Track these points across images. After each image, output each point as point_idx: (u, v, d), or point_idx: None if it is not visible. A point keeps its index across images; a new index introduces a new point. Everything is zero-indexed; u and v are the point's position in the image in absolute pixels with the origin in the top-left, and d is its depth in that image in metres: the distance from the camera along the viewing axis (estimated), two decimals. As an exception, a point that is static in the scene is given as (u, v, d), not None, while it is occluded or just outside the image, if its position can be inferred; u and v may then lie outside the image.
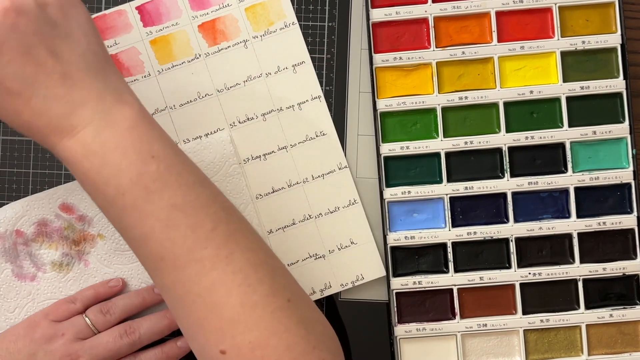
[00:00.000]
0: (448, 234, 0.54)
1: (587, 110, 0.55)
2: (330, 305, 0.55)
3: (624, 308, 0.54)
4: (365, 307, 0.55)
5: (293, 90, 0.55)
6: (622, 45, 0.54)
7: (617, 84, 0.54)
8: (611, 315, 0.54)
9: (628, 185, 0.54)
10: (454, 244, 0.54)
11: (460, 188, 0.54)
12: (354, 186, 0.55)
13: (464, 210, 0.54)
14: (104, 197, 0.40)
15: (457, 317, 0.54)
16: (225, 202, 0.43)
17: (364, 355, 0.55)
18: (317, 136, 0.55)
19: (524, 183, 0.54)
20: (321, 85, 0.55)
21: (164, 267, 0.40)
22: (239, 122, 0.55)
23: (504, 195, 0.54)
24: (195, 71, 0.55)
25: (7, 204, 0.55)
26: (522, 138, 0.54)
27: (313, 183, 0.55)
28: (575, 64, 0.55)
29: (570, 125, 0.54)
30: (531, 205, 0.54)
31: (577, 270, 0.54)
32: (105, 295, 0.53)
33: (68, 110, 0.39)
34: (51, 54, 0.39)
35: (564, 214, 0.54)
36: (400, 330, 0.54)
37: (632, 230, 0.54)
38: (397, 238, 0.54)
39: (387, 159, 0.55)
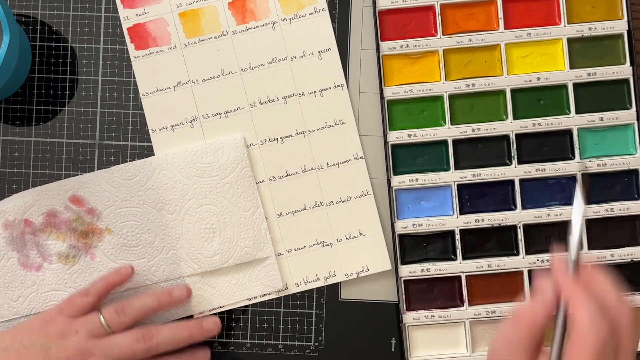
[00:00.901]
0: (456, 222, 0.54)
1: (594, 96, 0.55)
2: (331, 305, 0.55)
3: (633, 294, 0.54)
4: (364, 307, 0.55)
5: (316, 76, 0.55)
6: (629, 32, 0.54)
7: (623, 70, 0.54)
8: (619, 301, 0.54)
9: (635, 171, 0.54)
10: (462, 232, 0.54)
11: (468, 175, 0.54)
12: (367, 177, 0.55)
13: (472, 198, 0.54)
14: None
15: (466, 304, 0.54)
16: None
17: (364, 355, 0.55)
18: (335, 124, 0.55)
19: (532, 170, 0.54)
20: (328, 74, 0.55)
21: None
22: (260, 102, 0.55)
23: (511, 183, 0.54)
24: (221, 48, 0.55)
25: (13, 195, 0.55)
26: (529, 125, 0.54)
27: (327, 170, 0.55)
28: (582, 51, 0.55)
29: (577, 112, 0.54)
30: (539, 192, 0.54)
31: (585, 257, 0.54)
32: (116, 283, 0.53)
33: None
34: None
35: (572, 200, 0.54)
36: (408, 317, 0.54)
37: (639, 216, 0.54)
38: (405, 226, 0.54)
39: (394, 146, 0.54)
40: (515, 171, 0.54)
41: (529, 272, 0.54)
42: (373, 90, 0.55)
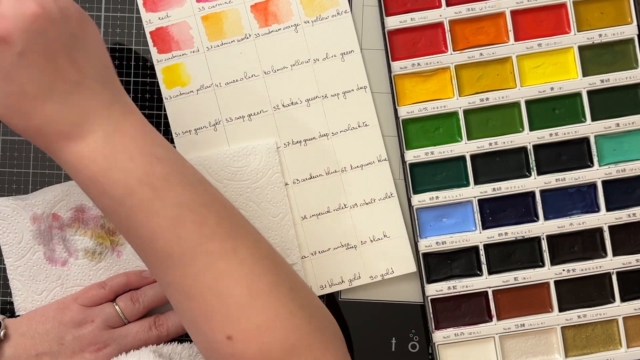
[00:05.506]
0: (479, 237, 0.54)
1: (608, 102, 0.54)
2: (330, 305, 0.55)
3: (661, 298, 0.54)
4: (364, 307, 0.55)
5: (340, 78, 0.55)
6: (639, 36, 0.54)
7: (636, 75, 0.54)
8: (648, 306, 0.54)
9: (655, 174, 0.54)
10: (486, 246, 0.54)
11: (488, 189, 0.54)
12: (391, 179, 0.55)
13: (493, 212, 0.54)
14: (110, 199, 0.41)
15: (494, 319, 0.54)
16: (225, 201, 0.45)
17: (364, 355, 0.55)
18: (359, 126, 0.55)
19: (552, 180, 0.54)
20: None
21: (171, 263, 0.41)
22: (283, 105, 0.55)
23: (532, 194, 0.54)
24: (244, 51, 0.55)
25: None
26: (546, 135, 0.54)
27: (351, 173, 0.55)
28: (594, 58, 0.55)
29: (593, 119, 0.54)
30: (560, 202, 0.54)
31: (611, 263, 0.54)
32: (136, 284, 0.53)
33: (79, 117, 0.41)
34: (70, 63, 0.41)
35: (593, 208, 0.54)
36: (438, 336, 0.54)
37: (662, 219, 0.54)
38: (428, 244, 0.54)
39: (412, 165, 0.54)
40: (535, 182, 0.54)
41: (556, 282, 0.54)
42: (384, 90, 0.55)
